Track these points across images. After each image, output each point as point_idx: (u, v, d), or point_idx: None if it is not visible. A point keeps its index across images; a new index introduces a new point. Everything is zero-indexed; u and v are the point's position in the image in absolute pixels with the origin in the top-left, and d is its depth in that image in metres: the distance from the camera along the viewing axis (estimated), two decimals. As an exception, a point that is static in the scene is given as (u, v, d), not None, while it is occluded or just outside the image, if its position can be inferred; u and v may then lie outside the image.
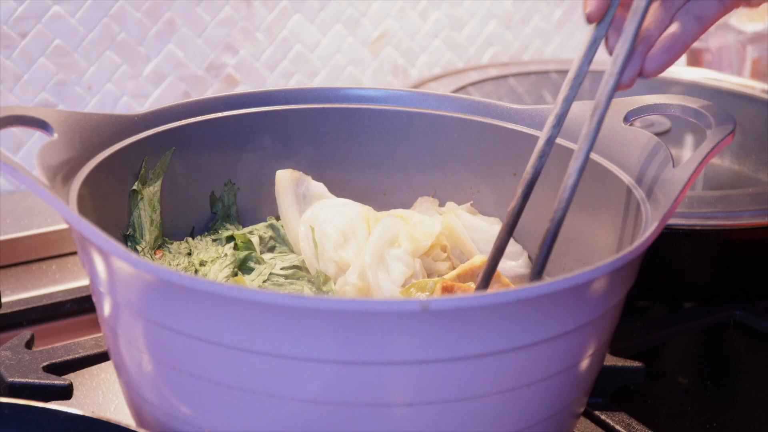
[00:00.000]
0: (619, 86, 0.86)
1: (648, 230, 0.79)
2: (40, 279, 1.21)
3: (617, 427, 0.93)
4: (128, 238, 0.94)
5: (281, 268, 0.96)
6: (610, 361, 0.98)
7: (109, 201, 0.92)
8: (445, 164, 1.03)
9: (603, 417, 0.94)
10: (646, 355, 1.01)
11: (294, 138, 1.03)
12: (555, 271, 0.96)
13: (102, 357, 0.99)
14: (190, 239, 0.99)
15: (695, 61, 1.54)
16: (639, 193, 0.87)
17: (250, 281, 0.95)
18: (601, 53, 0.89)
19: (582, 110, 0.97)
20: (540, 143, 0.88)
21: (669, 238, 1.03)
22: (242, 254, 0.96)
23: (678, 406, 1.01)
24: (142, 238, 0.94)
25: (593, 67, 0.89)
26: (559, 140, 0.95)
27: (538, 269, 0.84)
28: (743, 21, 1.54)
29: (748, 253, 1.09)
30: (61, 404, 0.75)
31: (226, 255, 0.96)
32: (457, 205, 1.03)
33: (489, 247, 0.98)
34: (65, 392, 0.93)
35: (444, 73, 1.45)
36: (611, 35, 0.87)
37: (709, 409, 1.01)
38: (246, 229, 1.01)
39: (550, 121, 0.88)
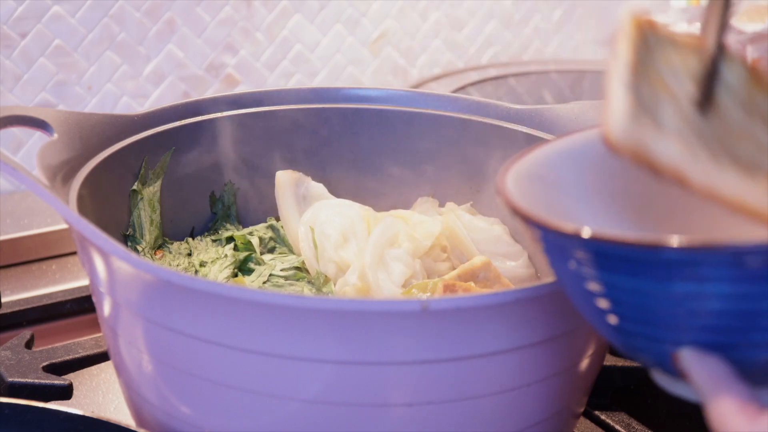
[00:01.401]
0: None
1: (648, 230, 0.79)
2: (40, 279, 1.21)
3: (617, 427, 0.93)
4: (128, 238, 0.94)
5: (281, 269, 0.96)
6: (610, 361, 0.98)
7: (109, 201, 0.92)
8: (445, 164, 1.03)
9: (603, 417, 0.94)
10: (646, 355, 1.01)
11: (294, 138, 1.03)
12: (555, 271, 0.96)
13: (102, 357, 0.99)
14: (190, 240, 0.99)
15: (695, 61, 1.54)
16: (639, 193, 0.87)
17: (250, 282, 0.95)
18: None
19: (582, 110, 0.97)
20: None
21: (669, 238, 1.03)
22: (242, 255, 0.96)
23: (678, 406, 1.01)
24: (142, 238, 0.94)
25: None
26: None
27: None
28: (743, 21, 1.53)
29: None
30: (61, 404, 0.75)
31: (226, 256, 0.96)
32: (457, 205, 1.03)
33: (489, 247, 0.98)
34: (65, 392, 0.93)
35: (444, 73, 1.46)
36: None
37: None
38: (246, 230, 1.01)
39: None
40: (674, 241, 0.56)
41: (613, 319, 0.62)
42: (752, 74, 0.65)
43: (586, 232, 0.59)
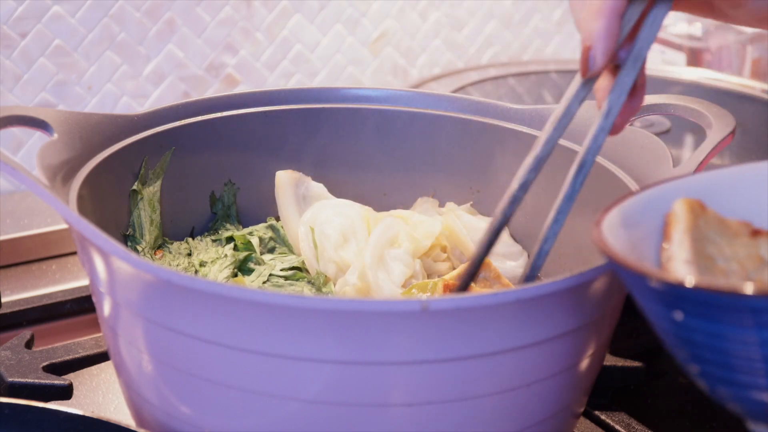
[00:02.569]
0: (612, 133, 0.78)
1: (648, 230, 0.79)
2: (40, 279, 1.21)
3: (617, 427, 0.93)
4: (128, 238, 0.94)
5: (281, 269, 0.96)
6: (610, 361, 0.97)
7: (109, 201, 0.92)
8: (445, 164, 1.03)
9: (603, 417, 0.94)
10: (646, 355, 1.01)
11: (294, 138, 1.03)
12: (555, 271, 0.96)
13: (102, 357, 0.99)
14: (190, 239, 0.99)
15: (695, 61, 1.54)
16: (639, 193, 0.87)
17: (250, 282, 0.95)
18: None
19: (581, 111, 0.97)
20: (515, 184, 0.77)
21: (669, 238, 1.03)
22: (242, 255, 0.97)
23: (678, 406, 1.01)
24: (142, 238, 0.94)
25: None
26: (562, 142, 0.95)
27: (527, 278, 0.78)
28: (743, 21, 1.53)
29: (748, 253, 1.09)
30: (61, 404, 0.75)
31: (226, 256, 0.96)
32: (457, 205, 1.03)
33: (489, 247, 0.98)
34: (65, 392, 0.93)
35: (444, 73, 1.45)
36: (602, 87, 0.78)
37: (709, 409, 1.01)
38: (246, 230, 1.01)
39: (529, 163, 0.77)
40: (750, 288, 0.58)
41: (710, 369, 0.63)
42: None
43: (689, 282, 0.60)
